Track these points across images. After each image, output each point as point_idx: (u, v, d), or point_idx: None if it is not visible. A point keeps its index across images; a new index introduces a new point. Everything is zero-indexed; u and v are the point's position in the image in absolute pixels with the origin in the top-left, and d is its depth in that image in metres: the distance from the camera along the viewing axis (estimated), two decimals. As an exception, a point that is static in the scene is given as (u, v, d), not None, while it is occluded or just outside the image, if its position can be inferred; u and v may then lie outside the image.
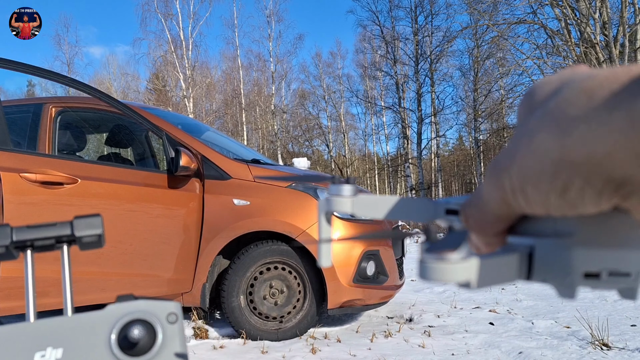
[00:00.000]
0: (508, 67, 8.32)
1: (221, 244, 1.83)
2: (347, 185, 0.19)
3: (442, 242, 0.14)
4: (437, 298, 2.57)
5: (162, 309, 0.21)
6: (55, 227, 0.23)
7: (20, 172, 1.51)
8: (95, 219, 0.23)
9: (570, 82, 0.13)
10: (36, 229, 0.23)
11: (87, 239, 0.23)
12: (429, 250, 0.13)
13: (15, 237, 0.22)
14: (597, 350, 1.58)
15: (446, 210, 0.18)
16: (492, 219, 0.15)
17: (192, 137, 1.97)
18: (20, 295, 1.48)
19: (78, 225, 0.23)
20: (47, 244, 0.23)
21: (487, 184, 0.15)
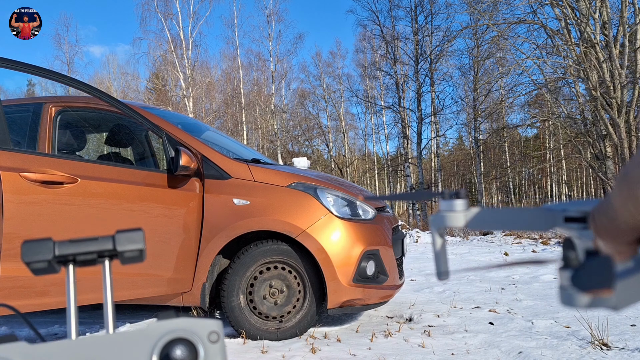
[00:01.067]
0: (508, 66, 8.32)
1: (221, 243, 1.83)
2: (459, 200, 0.19)
3: (588, 271, 0.13)
4: (437, 298, 2.58)
5: (203, 327, 0.20)
6: (97, 242, 0.23)
7: (20, 171, 1.51)
8: (136, 233, 0.23)
9: None
10: (78, 244, 0.23)
11: (129, 254, 0.23)
12: (578, 283, 0.13)
13: (58, 252, 0.22)
14: (597, 350, 1.58)
15: (565, 218, 0.17)
16: (625, 229, 0.15)
17: (192, 137, 1.97)
18: (21, 294, 1.47)
19: (120, 239, 0.23)
20: (88, 259, 0.23)
21: (619, 194, 0.14)
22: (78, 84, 1.68)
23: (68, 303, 0.23)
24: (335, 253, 1.78)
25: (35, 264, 0.22)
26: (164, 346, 0.20)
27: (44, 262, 0.22)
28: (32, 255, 0.22)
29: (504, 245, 5.72)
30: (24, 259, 0.22)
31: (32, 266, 0.22)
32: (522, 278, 3.18)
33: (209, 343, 0.20)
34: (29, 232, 1.50)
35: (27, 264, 0.22)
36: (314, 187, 1.88)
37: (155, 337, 0.20)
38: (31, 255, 0.22)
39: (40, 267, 0.22)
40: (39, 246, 0.22)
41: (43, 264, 0.22)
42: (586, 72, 6.55)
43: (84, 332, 2.03)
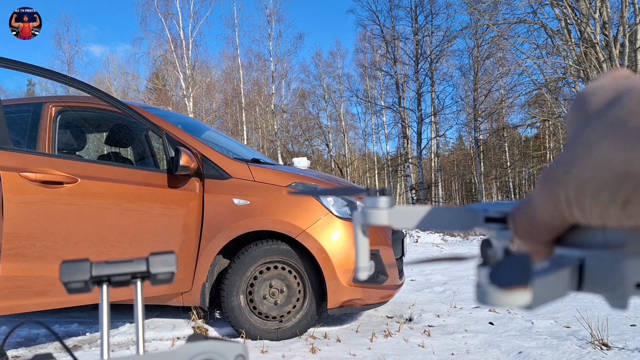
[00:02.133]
0: (508, 66, 8.31)
1: (221, 243, 1.83)
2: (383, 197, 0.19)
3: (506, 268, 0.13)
4: (437, 298, 2.57)
5: (230, 350, 0.21)
6: (132, 264, 0.24)
7: (20, 171, 1.51)
8: (170, 256, 0.24)
9: (630, 91, 0.13)
10: (114, 265, 0.23)
11: (162, 276, 0.24)
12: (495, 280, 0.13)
13: (95, 272, 0.23)
14: (597, 350, 1.58)
15: (485, 218, 0.17)
16: (544, 229, 0.15)
17: (192, 137, 1.97)
18: (21, 294, 1.47)
19: (153, 262, 0.24)
20: (122, 280, 0.23)
21: (540, 193, 0.14)
22: (78, 84, 1.68)
23: (101, 323, 0.23)
24: (335, 253, 1.78)
25: (72, 284, 0.23)
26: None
27: (81, 282, 0.23)
28: (71, 276, 0.22)
29: (504, 245, 5.71)
30: (63, 279, 0.22)
31: (69, 286, 0.23)
32: (522, 278, 3.17)
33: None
34: (29, 232, 1.50)
35: (65, 284, 0.22)
36: (314, 187, 1.88)
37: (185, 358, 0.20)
38: (69, 275, 0.22)
39: (77, 287, 0.23)
40: (77, 267, 0.23)
41: (80, 284, 0.23)
42: (586, 72, 6.55)
43: (84, 332, 2.03)
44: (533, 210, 0.15)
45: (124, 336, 1.93)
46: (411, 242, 6.26)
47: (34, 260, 1.51)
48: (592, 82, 0.15)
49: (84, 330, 2.05)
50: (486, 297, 0.13)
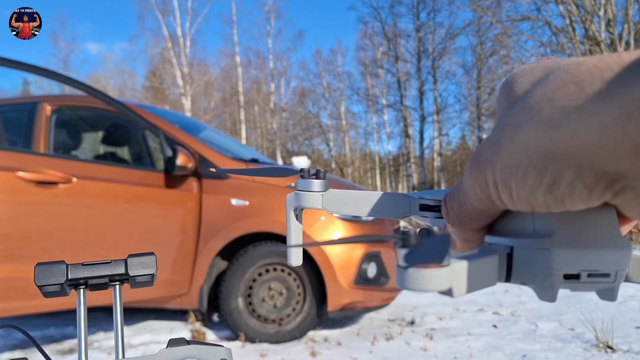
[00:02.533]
0: (512, 64, 8.26)
1: (219, 245, 1.81)
2: (316, 180, 0.18)
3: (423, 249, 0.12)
4: (440, 300, 2.54)
5: (213, 354, 0.20)
6: (110, 265, 0.23)
7: (16, 171, 1.48)
8: (149, 257, 0.23)
9: (556, 70, 0.12)
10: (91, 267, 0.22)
11: (140, 279, 0.23)
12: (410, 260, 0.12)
13: (71, 275, 0.22)
14: (602, 353, 1.55)
15: (420, 205, 0.17)
16: (474, 214, 0.14)
17: (189, 136, 1.94)
18: (16, 296, 1.45)
19: (132, 264, 0.23)
20: (100, 283, 0.23)
21: (469, 177, 0.14)
22: (74, 83, 1.66)
23: (79, 328, 0.22)
24: (336, 255, 1.75)
25: (47, 287, 0.22)
26: None
27: (56, 285, 0.22)
28: (46, 279, 0.22)
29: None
30: (37, 282, 0.21)
31: (44, 289, 0.22)
32: (525, 279, 3.15)
33: None
34: (24, 233, 1.48)
35: (40, 287, 0.21)
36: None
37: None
38: (44, 278, 0.22)
39: (52, 290, 0.22)
40: (53, 270, 0.22)
41: (55, 287, 0.22)
42: (590, 70, 6.47)
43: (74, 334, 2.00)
44: (463, 195, 0.14)
45: (121, 338, 1.91)
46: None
47: (29, 262, 1.48)
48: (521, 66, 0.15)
49: (73, 332, 2.03)
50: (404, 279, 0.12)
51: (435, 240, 0.13)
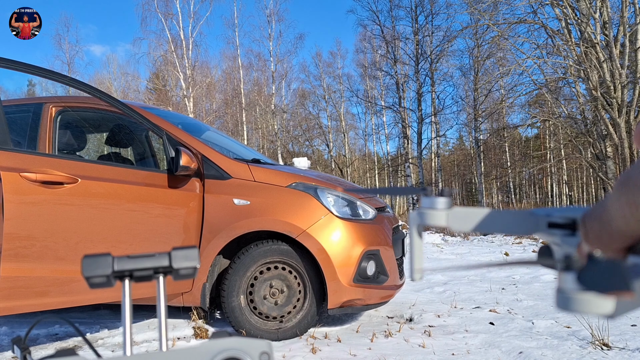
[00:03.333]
0: (508, 66, 8.31)
1: (221, 243, 1.83)
2: (441, 198, 0.19)
3: (597, 274, 0.12)
4: (438, 298, 2.57)
5: (254, 347, 0.21)
6: (154, 258, 0.23)
7: (21, 171, 1.50)
8: (192, 251, 0.23)
9: None
10: (136, 260, 0.23)
11: (184, 271, 0.23)
12: (588, 285, 0.12)
13: (117, 267, 0.22)
14: (598, 350, 1.58)
15: (549, 223, 0.17)
16: (618, 235, 0.14)
17: (192, 137, 1.97)
18: (21, 294, 1.47)
19: (175, 257, 0.23)
20: (145, 275, 0.23)
21: (617, 199, 0.14)
22: (78, 84, 1.68)
23: (123, 318, 0.23)
24: (336, 253, 1.78)
25: (94, 279, 0.22)
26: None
27: (103, 277, 0.22)
28: (92, 270, 0.22)
29: (504, 245, 5.72)
30: (84, 274, 0.22)
31: (91, 280, 0.22)
32: (523, 278, 3.18)
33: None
34: (29, 232, 1.50)
35: (87, 279, 0.22)
36: (314, 187, 1.88)
37: (209, 355, 0.20)
38: (91, 270, 0.22)
39: (98, 281, 0.22)
40: (99, 262, 0.22)
41: (102, 279, 0.22)
42: (586, 72, 6.54)
43: (84, 332, 2.02)
44: (607, 215, 0.14)
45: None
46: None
47: (34, 261, 1.51)
48: None
49: (84, 330, 2.05)
50: (571, 302, 0.12)
51: (608, 264, 0.13)
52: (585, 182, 20.47)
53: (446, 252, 5.08)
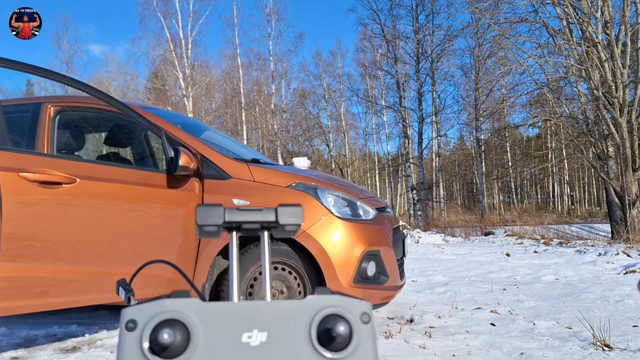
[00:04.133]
0: (509, 66, 8.29)
1: (221, 244, 1.82)
2: None
3: None
4: (438, 299, 2.56)
5: (356, 307, 0.21)
6: (262, 212, 0.24)
7: (19, 171, 1.50)
8: (297, 208, 0.24)
9: None
10: (245, 212, 0.23)
11: (289, 227, 0.24)
12: None
13: (227, 218, 0.23)
14: (599, 351, 1.57)
15: None
16: None
17: (191, 137, 1.96)
18: (20, 295, 1.47)
19: (282, 213, 0.24)
20: (252, 227, 0.24)
21: None
22: (77, 84, 1.68)
23: (231, 267, 0.24)
24: (336, 254, 1.77)
25: (206, 227, 0.23)
26: (322, 320, 0.20)
27: (214, 226, 0.23)
28: (206, 219, 0.23)
29: (505, 246, 5.71)
30: (199, 222, 0.23)
31: (204, 229, 0.23)
32: (524, 279, 3.17)
33: (361, 323, 0.21)
34: (28, 233, 1.50)
35: (200, 227, 0.23)
36: (314, 187, 1.87)
37: (314, 310, 0.21)
38: (205, 218, 0.23)
39: (210, 230, 0.23)
40: (212, 212, 0.23)
41: (213, 228, 0.23)
42: (588, 71, 6.52)
43: (83, 333, 2.02)
44: None
45: (123, 337, 1.92)
46: (412, 243, 6.24)
47: (33, 261, 1.50)
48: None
49: (83, 331, 2.05)
50: None
51: None
52: (587, 182, 20.42)
53: (447, 252, 5.06)
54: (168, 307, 0.20)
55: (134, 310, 0.20)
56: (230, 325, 0.20)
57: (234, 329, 0.20)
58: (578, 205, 18.89)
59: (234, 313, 0.20)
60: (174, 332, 0.19)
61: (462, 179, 23.10)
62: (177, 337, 0.19)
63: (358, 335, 0.20)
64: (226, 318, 0.20)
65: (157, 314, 0.20)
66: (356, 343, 0.20)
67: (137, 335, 0.19)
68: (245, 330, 0.20)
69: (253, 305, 0.21)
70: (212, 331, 0.20)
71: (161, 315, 0.19)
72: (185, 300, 0.20)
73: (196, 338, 0.20)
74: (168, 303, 0.20)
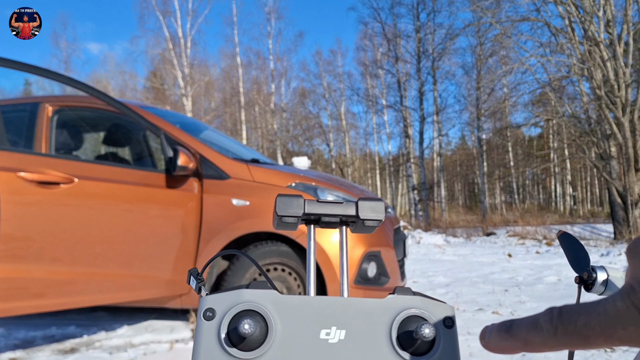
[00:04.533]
0: (511, 65, 8.26)
1: (220, 244, 1.81)
2: None
3: None
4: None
5: (440, 310, 0.20)
6: (342, 206, 0.23)
7: (17, 171, 1.49)
8: (378, 203, 0.23)
9: None
10: (325, 205, 0.23)
11: (369, 223, 0.23)
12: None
13: (307, 209, 0.22)
14: (601, 352, 1.55)
15: None
16: None
17: (190, 136, 1.94)
18: (17, 296, 1.46)
19: (363, 207, 0.23)
20: (331, 221, 0.23)
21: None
22: (75, 83, 1.66)
23: (308, 261, 0.23)
24: (336, 254, 1.75)
25: (286, 218, 0.22)
26: (402, 321, 0.20)
27: (294, 217, 0.22)
28: (286, 209, 0.22)
29: (507, 247, 5.68)
30: (278, 212, 0.22)
31: (283, 219, 0.22)
32: (526, 280, 3.14)
33: (445, 328, 0.20)
34: (25, 233, 1.48)
35: (280, 217, 0.22)
36: (315, 187, 1.85)
37: (395, 310, 0.20)
38: (285, 209, 0.22)
39: (289, 221, 0.23)
40: (293, 202, 0.23)
41: (293, 219, 0.23)
42: (590, 70, 6.48)
43: (81, 334, 2.01)
44: None
45: (122, 339, 1.91)
46: (413, 244, 6.22)
47: (30, 262, 1.49)
48: None
49: (81, 332, 2.03)
50: None
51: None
52: (589, 182, 20.35)
53: (448, 253, 5.04)
54: (247, 297, 0.19)
55: (213, 299, 0.19)
56: (309, 321, 0.20)
57: (312, 324, 0.20)
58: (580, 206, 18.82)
59: (312, 308, 0.20)
60: (255, 323, 0.18)
61: (464, 179, 23.06)
62: (257, 329, 0.19)
63: (441, 339, 0.19)
64: (304, 313, 0.20)
65: (236, 303, 0.19)
66: (439, 348, 0.19)
67: (215, 325, 0.19)
68: (324, 326, 0.19)
69: (331, 301, 0.20)
70: (290, 325, 0.19)
71: (240, 305, 0.19)
72: (264, 292, 0.20)
73: (274, 331, 0.19)
74: (247, 293, 0.19)
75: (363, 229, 0.23)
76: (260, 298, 0.20)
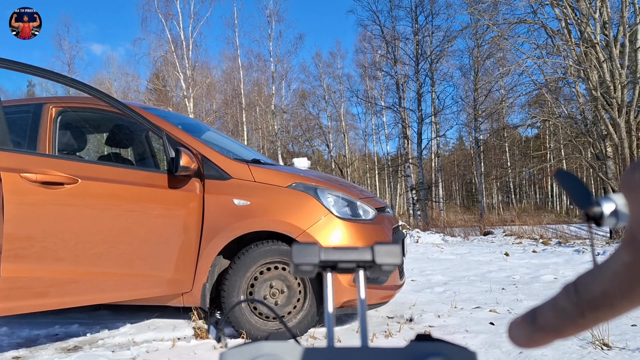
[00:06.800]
0: (508, 66, 8.32)
1: (221, 244, 1.83)
2: None
3: None
4: (438, 298, 2.57)
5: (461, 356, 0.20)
6: (357, 251, 0.23)
7: (21, 172, 1.50)
8: (394, 247, 0.23)
9: None
10: (340, 252, 0.23)
11: (386, 267, 0.23)
12: None
13: (323, 257, 0.23)
14: (598, 350, 1.58)
15: None
16: None
17: (192, 137, 1.97)
18: (20, 295, 1.47)
19: (379, 252, 0.23)
20: (347, 267, 0.23)
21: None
22: (78, 85, 1.68)
23: (326, 309, 0.23)
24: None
25: (303, 266, 0.23)
26: None
27: (310, 265, 0.23)
28: (303, 258, 0.23)
29: (504, 246, 5.72)
30: (295, 261, 0.23)
31: (300, 267, 0.23)
32: (523, 278, 3.18)
33: None
34: (28, 233, 1.50)
35: (297, 265, 0.23)
36: (315, 187, 1.88)
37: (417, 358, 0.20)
38: (301, 257, 0.23)
39: (305, 269, 0.23)
40: (308, 250, 0.23)
41: (309, 267, 0.23)
42: (586, 72, 6.54)
43: (84, 332, 2.02)
44: None
45: (124, 337, 1.93)
46: (411, 243, 6.25)
47: (33, 261, 1.50)
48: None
49: (84, 331, 2.05)
50: None
51: None
52: (586, 182, 20.43)
53: (446, 252, 5.07)
54: (267, 350, 0.19)
55: (232, 354, 0.19)
56: None
57: None
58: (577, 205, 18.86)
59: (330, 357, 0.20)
60: None
61: (461, 179, 23.13)
62: None
63: None
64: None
65: (255, 357, 0.19)
66: None
67: None
68: None
69: (353, 352, 0.20)
70: None
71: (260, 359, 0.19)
72: (283, 344, 0.20)
73: None
74: (266, 346, 0.20)
75: (380, 273, 0.23)
76: (280, 351, 0.19)
